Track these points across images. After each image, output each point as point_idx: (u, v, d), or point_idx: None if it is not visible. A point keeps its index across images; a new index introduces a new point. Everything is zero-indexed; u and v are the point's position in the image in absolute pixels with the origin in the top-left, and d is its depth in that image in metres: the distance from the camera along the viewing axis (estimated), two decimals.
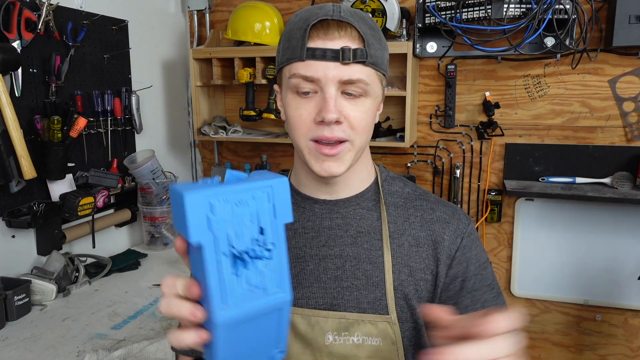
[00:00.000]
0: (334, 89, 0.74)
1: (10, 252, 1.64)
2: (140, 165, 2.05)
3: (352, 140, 0.77)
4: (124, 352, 1.28)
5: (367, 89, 0.76)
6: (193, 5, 2.41)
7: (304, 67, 0.74)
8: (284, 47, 0.78)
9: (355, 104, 0.76)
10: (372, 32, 0.76)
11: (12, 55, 1.49)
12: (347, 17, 0.74)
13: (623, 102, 1.99)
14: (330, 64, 0.73)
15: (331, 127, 0.75)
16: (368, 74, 0.75)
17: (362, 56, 0.73)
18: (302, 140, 0.77)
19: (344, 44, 0.73)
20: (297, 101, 0.77)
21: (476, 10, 1.85)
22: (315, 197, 0.86)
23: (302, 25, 0.75)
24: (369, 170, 0.89)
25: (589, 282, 2.13)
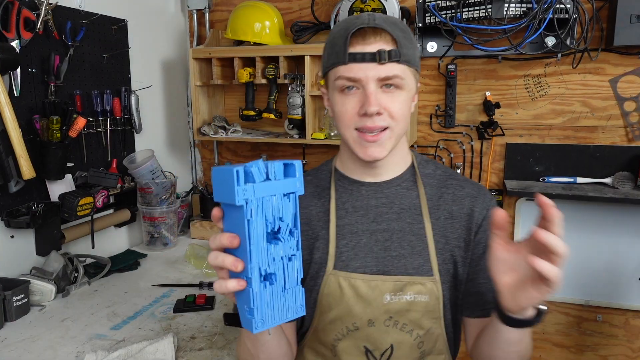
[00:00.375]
0: (374, 86, 0.88)
1: (9, 252, 1.64)
2: (140, 165, 2.04)
3: (393, 128, 0.91)
4: (123, 352, 1.27)
5: (402, 83, 0.89)
6: (193, 4, 2.40)
7: (346, 69, 0.88)
8: (328, 54, 0.92)
9: (392, 97, 0.89)
10: (403, 35, 0.89)
11: (10, 54, 1.49)
12: (381, 24, 0.87)
13: (624, 102, 1.99)
14: (369, 65, 0.87)
15: (373, 118, 0.88)
16: (402, 70, 0.89)
17: (396, 56, 0.87)
18: (348, 130, 0.91)
19: (379, 47, 0.87)
20: (343, 98, 0.91)
21: (477, 10, 1.84)
22: (361, 180, 1.01)
23: (343, 33, 0.88)
24: (405, 155, 1.03)
25: (590, 282, 2.12)
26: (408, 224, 0.98)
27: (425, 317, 0.96)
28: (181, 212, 2.34)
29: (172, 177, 2.18)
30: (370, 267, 0.96)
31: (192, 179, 2.62)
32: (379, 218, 0.99)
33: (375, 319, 0.95)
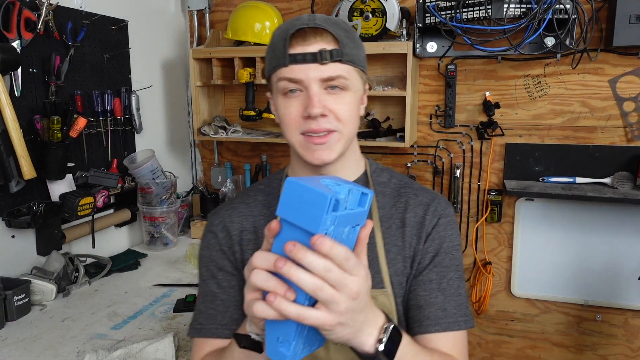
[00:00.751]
0: (317, 87, 0.83)
1: (10, 252, 1.64)
2: (140, 165, 2.05)
3: (340, 130, 0.86)
4: (123, 352, 1.28)
5: (347, 83, 0.85)
6: (193, 5, 2.41)
7: (288, 71, 0.84)
8: (269, 58, 0.88)
9: (337, 98, 0.85)
10: (346, 34, 0.85)
11: (11, 55, 1.49)
12: (321, 24, 0.84)
13: (623, 102, 1.99)
14: (310, 66, 0.83)
15: (317, 120, 0.84)
16: (346, 70, 0.85)
17: (338, 55, 0.83)
18: (293, 135, 0.87)
19: (320, 47, 0.83)
20: (286, 101, 0.86)
21: (476, 10, 1.84)
22: None
23: (283, 35, 0.84)
24: (357, 161, 0.98)
25: (589, 282, 2.13)
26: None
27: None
28: (181, 212, 2.34)
29: (173, 177, 2.19)
30: None
31: (193, 179, 2.62)
32: None
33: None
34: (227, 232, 0.96)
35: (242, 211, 0.98)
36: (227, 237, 0.96)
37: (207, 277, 0.96)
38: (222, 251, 0.96)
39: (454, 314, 0.89)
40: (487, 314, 2.30)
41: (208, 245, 0.98)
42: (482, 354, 2.36)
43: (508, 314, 2.27)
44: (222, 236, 0.96)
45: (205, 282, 0.97)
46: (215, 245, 0.97)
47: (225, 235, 0.96)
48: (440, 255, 0.91)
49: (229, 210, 0.99)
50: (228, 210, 0.99)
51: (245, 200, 1.00)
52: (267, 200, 0.99)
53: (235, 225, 0.96)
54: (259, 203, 0.99)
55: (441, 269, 0.91)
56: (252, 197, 1.00)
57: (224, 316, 0.93)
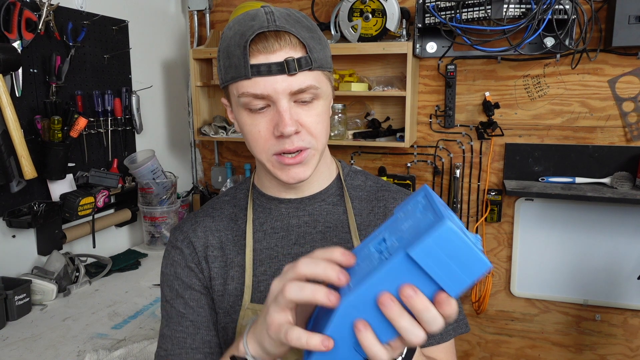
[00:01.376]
0: (286, 101, 0.74)
1: (11, 252, 1.65)
2: (141, 165, 2.05)
3: (314, 146, 0.78)
4: (124, 351, 1.28)
5: (318, 92, 0.76)
6: (193, 5, 2.41)
7: (251, 85, 0.73)
8: (225, 65, 0.76)
9: (309, 110, 0.76)
10: (310, 35, 0.75)
11: (12, 55, 1.49)
12: (283, 25, 0.73)
13: (623, 102, 1.99)
14: (277, 78, 0.72)
15: (291, 139, 0.75)
16: (316, 77, 0.75)
17: (307, 64, 0.73)
18: (264, 155, 0.78)
19: (286, 55, 0.72)
20: (252, 118, 0.76)
21: (476, 11, 1.85)
22: (280, 197, 0.88)
23: (240, 41, 0.73)
24: (329, 166, 0.90)
25: (589, 282, 2.13)
26: (334, 244, 0.85)
27: None
28: (182, 212, 2.35)
29: (173, 177, 2.19)
30: None
31: (193, 179, 2.63)
32: (301, 239, 0.86)
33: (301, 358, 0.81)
34: (192, 248, 0.88)
35: (207, 225, 0.89)
36: (194, 253, 0.87)
37: (172, 298, 0.86)
38: (189, 268, 0.87)
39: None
40: (487, 314, 2.30)
41: (172, 262, 0.88)
42: (482, 353, 2.36)
43: (508, 314, 2.28)
44: (188, 252, 0.87)
45: (169, 303, 0.87)
46: (181, 261, 0.87)
47: (192, 251, 0.87)
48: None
49: (193, 225, 0.90)
50: (192, 225, 0.90)
51: (210, 214, 0.91)
52: (233, 213, 0.91)
53: (200, 240, 0.88)
54: (225, 216, 0.90)
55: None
56: (218, 210, 0.92)
57: (195, 339, 0.84)
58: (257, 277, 0.84)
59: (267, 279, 0.84)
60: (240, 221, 0.90)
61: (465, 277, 0.48)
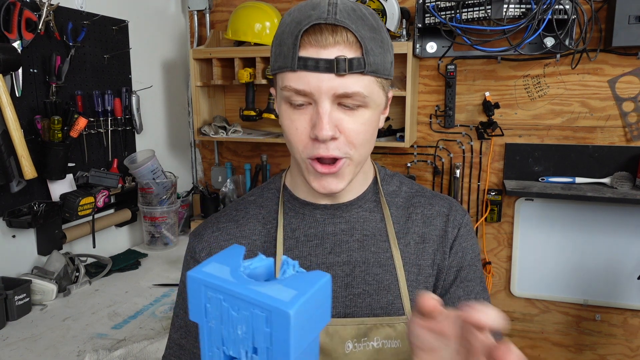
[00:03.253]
0: (328, 103, 0.68)
1: (11, 252, 1.65)
2: (141, 165, 2.05)
3: (351, 157, 0.72)
4: (124, 351, 1.28)
5: (366, 100, 0.70)
6: (193, 5, 2.41)
7: (295, 78, 0.68)
8: (275, 53, 0.72)
9: (352, 116, 0.70)
10: (372, 35, 0.68)
11: (12, 55, 1.49)
12: (343, 20, 0.66)
13: (622, 102, 1.99)
14: (323, 76, 0.67)
15: (327, 144, 0.70)
16: (366, 84, 0.69)
17: (359, 66, 0.67)
18: (299, 155, 0.73)
19: (339, 53, 0.66)
20: (291, 113, 0.71)
21: (476, 11, 1.85)
22: (315, 203, 0.82)
23: (294, 30, 0.68)
24: (367, 170, 0.85)
25: (589, 282, 2.13)
26: (373, 254, 0.80)
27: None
28: (182, 212, 2.35)
29: (173, 177, 2.19)
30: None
31: (193, 179, 2.63)
32: (337, 248, 0.80)
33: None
34: None
35: (232, 232, 0.83)
36: None
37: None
38: None
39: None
40: None
41: None
42: None
43: (508, 314, 2.28)
44: None
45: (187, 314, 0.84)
46: None
47: None
48: (464, 270, 0.82)
49: (215, 233, 0.83)
50: (214, 233, 0.83)
51: (234, 218, 0.84)
52: (260, 215, 0.84)
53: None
54: (251, 218, 0.84)
55: (467, 284, 0.81)
56: (242, 212, 0.84)
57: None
58: None
59: None
60: (270, 226, 0.83)
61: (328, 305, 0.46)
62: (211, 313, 0.44)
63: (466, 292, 0.81)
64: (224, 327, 0.44)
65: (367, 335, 0.77)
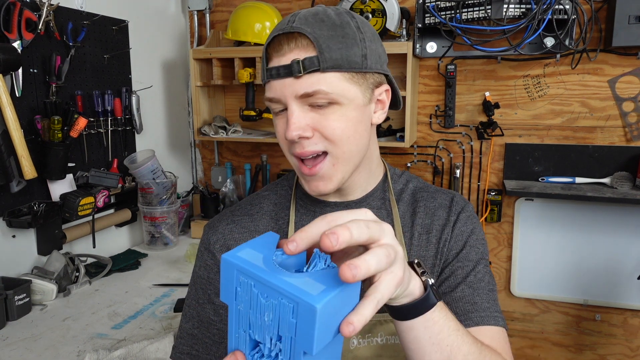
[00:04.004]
0: (296, 105, 0.71)
1: (11, 252, 1.65)
2: (141, 165, 2.05)
3: (332, 152, 0.73)
4: (124, 351, 1.28)
5: (333, 96, 0.70)
6: (193, 5, 2.41)
7: (268, 89, 0.74)
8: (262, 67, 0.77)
9: (324, 114, 0.72)
10: (330, 33, 0.70)
11: (12, 55, 1.49)
12: (298, 27, 0.69)
13: (623, 102, 1.99)
14: (285, 81, 0.71)
15: (301, 143, 0.72)
16: (330, 81, 0.70)
17: (312, 65, 0.69)
18: (288, 156, 0.78)
19: (294, 57, 0.69)
20: (275, 120, 0.77)
21: (476, 11, 1.85)
22: (326, 200, 0.84)
23: (266, 44, 0.74)
24: (374, 168, 0.86)
25: (589, 282, 2.13)
26: None
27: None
28: (182, 212, 2.35)
29: (173, 177, 2.19)
30: None
31: (193, 179, 2.63)
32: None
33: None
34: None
35: (246, 225, 0.85)
36: None
37: (204, 302, 0.84)
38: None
39: (487, 307, 0.77)
40: None
41: (205, 266, 0.85)
42: None
43: (508, 314, 2.28)
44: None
45: (201, 305, 0.85)
46: (214, 267, 0.84)
47: None
48: (465, 250, 0.83)
49: (229, 225, 0.85)
50: (229, 225, 0.86)
51: (249, 212, 0.87)
52: (274, 211, 0.86)
53: (238, 243, 0.83)
54: (265, 213, 0.86)
55: (466, 263, 0.81)
56: (256, 207, 0.87)
57: (219, 347, 0.83)
58: None
59: None
60: (282, 221, 0.85)
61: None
62: (241, 297, 0.46)
63: (465, 270, 0.81)
64: (252, 312, 0.46)
65: (372, 331, 0.79)
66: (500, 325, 0.77)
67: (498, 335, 0.76)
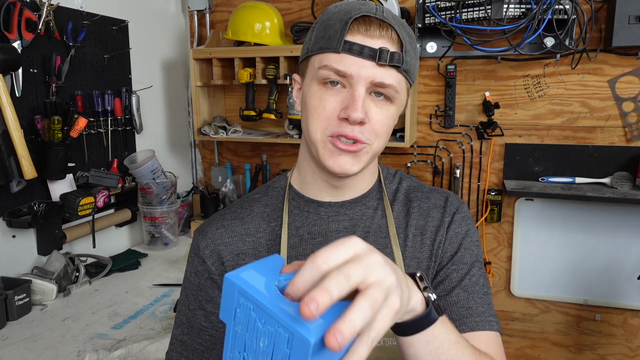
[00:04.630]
0: (364, 89, 0.72)
1: (11, 252, 1.65)
2: (141, 165, 2.05)
3: (371, 144, 0.75)
4: (124, 351, 1.28)
5: (396, 95, 0.74)
6: (193, 5, 2.41)
7: (338, 59, 0.71)
8: (317, 36, 0.75)
9: (381, 107, 0.74)
10: (409, 39, 0.74)
11: (12, 55, 1.49)
12: (389, 19, 0.72)
13: (622, 102, 1.99)
14: (365, 62, 0.71)
15: (353, 127, 0.72)
16: (399, 80, 0.73)
17: (399, 61, 0.72)
18: (319, 133, 0.74)
19: (382, 45, 0.71)
20: (323, 92, 0.74)
21: (476, 11, 1.85)
22: (320, 200, 0.84)
23: (343, 17, 0.72)
24: (373, 169, 0.87)
25: (589, 282, 2.13)
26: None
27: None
28: (182, 212, 2.35)
29: (173, 177, 2.19)
30: None
31: (193, 179, 2.63)
32: None
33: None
34: (217, 258, 0.81)
35: (236, 229, 0.83)
36: (219, 264, 0.81)
37: (195, 308, 0.83)
38: (211, 280, 0.81)
39: (482, 312, 0.78)
40: None
41: (196, 272, 0.83)
42: None
43: (508, 314, 2.28)
44: (211, 262, 0.81)
45: (191, 311, 0.84)
46: (204, 273, 0.82)
47: (216, 261, 0.81)
48: (459, 252, 0.83)
49: (219, 229, 0.83)
50: (218, 229, 0.83)
51: (239, 216, 0.85)
52: (265, 213, 0.85)
53: (229, 248, 0.82)
54: (256, 216, 0.85)
55: (461, 266, 0.81)
56: (247, 210, 0.86)
57: (211, 353, 0.82)
58: None
59: None
60: (275, 223, 0.84)
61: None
62: (239, 318, 0.46)
63: (459, 273, 0.81)
64: (248, 335, 0.46)
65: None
66: (495, 329, 0.78)
67: (492, 340, 0.78)
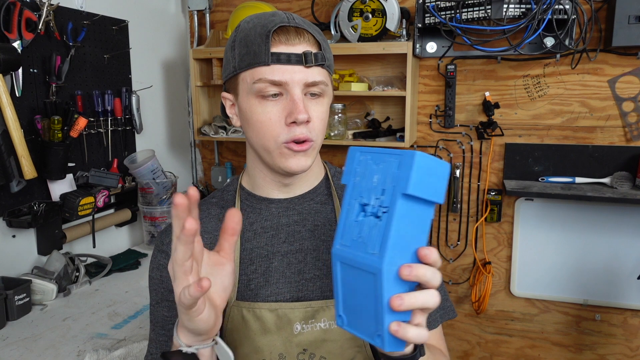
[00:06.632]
0: (300, 91, 0.78)
1: (11, 251, 1.65)
2: (141, 165, 2.05)
3: (316, 139, 0.82)
4: (124, 351, 1.28)
5: (326, 89, 0.82)
6: (193, 5, 2.41)
7: (270, 71, 0.77)
8: (241, 53, 0.79)
9: (317, 104, 0.81)
10: (322, 37, 0.82)
11: (12, 55, 1.49)
12: (302, 24, 0.80)
13: (622, 102, 1.99)
14: (295, 68, 0.77)
15: (301, 128, 0.79)
16: (325, 75, 0.81)
17: (322, 59, 0.79)
18: (272, 142, 0.80)
19: (304, 49, 0.78)
20: (264, 104, 0.79)
21: (476, 11, 1.85)
22: (270, 198, 0.90)
23: (261, 31, 0.77)
24: (320, 166, 0.94)
25: (589, 281, 2.13)
26: (323, 242, 0.88)
27: (345, 346, 0.84)
28: None
29: (173, 177, 2.19)
30: (284, 294, 0.85)
31: (193, 179, 2.63)
32: (290, 238, 0.88)
33: (286, 353, 0.83)
34: None
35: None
36: None
37: (157, 301, 0.88)
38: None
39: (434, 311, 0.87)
40: (487, 314, 2.31)
41: (158, 266, 0.88)
42: (482, 353, 2.36)
43: (507, 314, 2.28)
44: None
45: (154, 307, 0.89)
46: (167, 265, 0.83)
47: None
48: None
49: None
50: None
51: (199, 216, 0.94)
52: (221, 214, 0.90)
53: None
54: (213, 217, 0.91)
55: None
56: (204, 212, 0.92)
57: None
58: (248, 276, 0.86)
59: (257, 277, 0.86)
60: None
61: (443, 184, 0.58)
62: (358, 172, 0.61)
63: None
64: (364, 180, 0.60)
65: (315, 317, 0.84)
66: (439, 323, 0.89)
67: (439, 333, 0.90)
